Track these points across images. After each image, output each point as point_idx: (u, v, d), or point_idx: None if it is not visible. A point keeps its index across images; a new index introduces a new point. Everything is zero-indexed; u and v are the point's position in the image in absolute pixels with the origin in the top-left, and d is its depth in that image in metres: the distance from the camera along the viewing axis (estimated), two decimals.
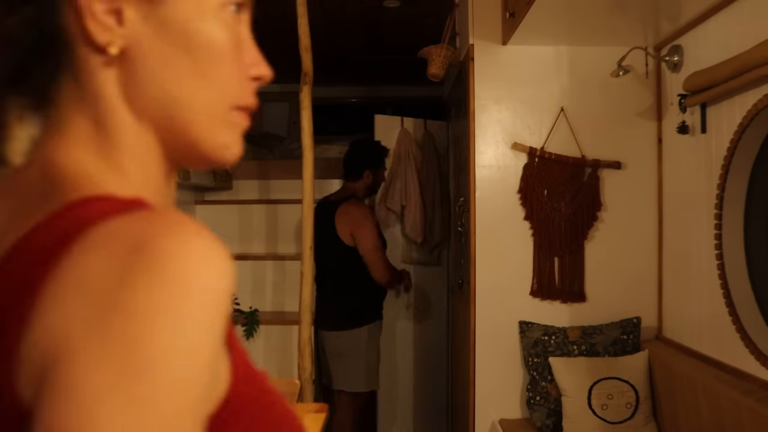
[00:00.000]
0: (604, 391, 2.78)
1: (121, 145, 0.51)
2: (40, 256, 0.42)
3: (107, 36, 0.49)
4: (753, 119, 2.24)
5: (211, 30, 0.52)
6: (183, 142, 0.53)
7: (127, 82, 0.51)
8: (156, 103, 0.51)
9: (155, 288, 0.39)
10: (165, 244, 0.40)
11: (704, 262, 2.58)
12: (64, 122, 0.51)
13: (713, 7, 2.50)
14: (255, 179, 4.69)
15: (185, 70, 0.51)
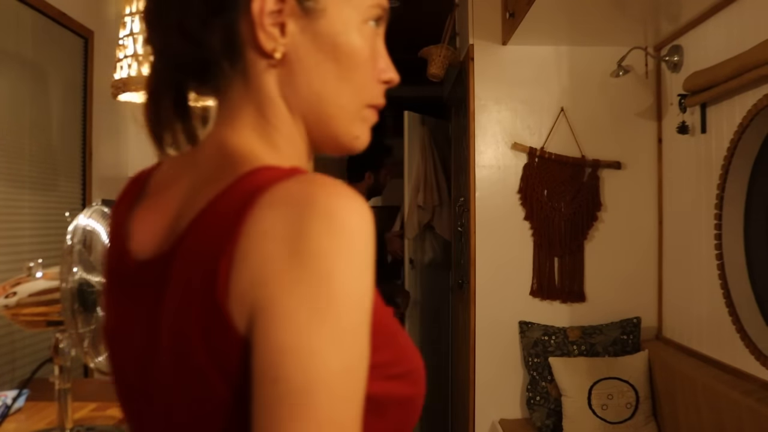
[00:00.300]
0: (604, 391, 2.78)
1: (278, 131, 0.64)
2: (229, 214, 0.54)
3: (273, 44, 0.61)
4: (753, 119, 2.24)
5: (354, 42, 0.64)
6: (324, 131, 0.66)
7: (284, 81, 0.63)
8: (306, 99, 0.64)
9: (331, 235, 0.50)
10: (329, 199, 0.52)
11: (704, 262, 2.58)
12: (234, 111, 0.64)
13: (713, 7, 2.50)
14: None
15: (331, 74, 0.64)
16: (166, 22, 0.63)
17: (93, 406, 1.78)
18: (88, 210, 1.43)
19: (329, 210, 0.51)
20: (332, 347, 0.49)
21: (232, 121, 0.64)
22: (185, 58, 0.63)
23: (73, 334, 1.32)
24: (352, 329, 0.51)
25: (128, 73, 1.48)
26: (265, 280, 0.50)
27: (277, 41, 0.61)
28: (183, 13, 0.61)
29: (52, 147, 2.33)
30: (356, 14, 0.64)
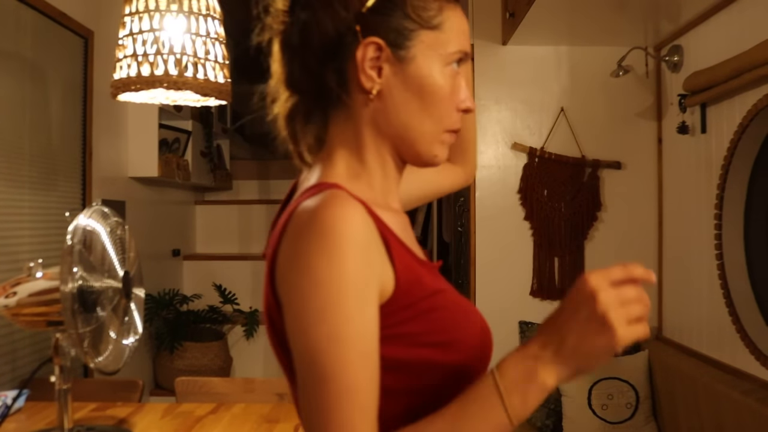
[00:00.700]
0: (604, 391, 2.78)
1: (369, 151, 0.81)
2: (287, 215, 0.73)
3: (371, 84, 0.77)
4: (753, 119, 2.24)
5: (437, 83, 0.78)
6: (409, 151, 0.82)
7: (378, 112, 0.79)
8: (395, 126, 0.80)
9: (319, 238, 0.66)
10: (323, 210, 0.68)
11: (704, 262, 2.58)
12: (333, 136, 0.82)
13: (713, 7, 2.50)
14: (255, 179, 4.69)
15: (416, 108, 0.79)
16: (291, 54, 0.80)
17: (93, 406, 1.79)
18: (88, 210, 1.43)
19: (320, 218, 0.67)
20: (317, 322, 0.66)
21: (330, 143, 0.82)
22: (303, 85, 0.81)
23: (73, 334, 1.32)
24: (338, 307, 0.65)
25: (128, 74, 1.47)
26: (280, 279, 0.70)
27: (374, 81, 0.77)
28: (305, 51, 0.79)
29: (51, 147, 2.33)
30: (440, 60, 0.79)
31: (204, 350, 3.27)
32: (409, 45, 0.77)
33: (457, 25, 0.80)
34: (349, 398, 0.64)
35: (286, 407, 1.86)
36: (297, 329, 0.67)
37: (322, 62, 0.78)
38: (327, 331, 0.65)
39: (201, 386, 2.00)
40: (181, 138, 3.59)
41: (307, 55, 0.79)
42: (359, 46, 0.76)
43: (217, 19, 1.55)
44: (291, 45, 0.80)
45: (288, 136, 0.85)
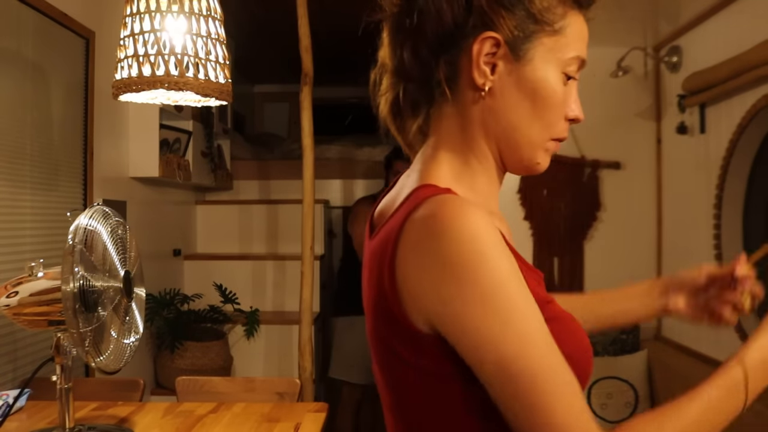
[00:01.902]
0: (604, 391, 2.78)
1: (473, 151, 0.79)
2: (399, 220, 0.69)
3: (483, 80, 0.74)
4: (752, 119, 2.25)
5: (552, 88, 0.76)
6: (513, 155, 0.79)
7: (487, 110, 0.76)
8: (503, 128, 0.77)
9: (451, 243, 0.63)
10: (446, 215, 0.65)
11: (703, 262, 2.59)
12: (439, 131, 0.79)
13: (712, 7, 2.51)
14: (255, 179, 4.69)
15: (527, 111, 0.76)
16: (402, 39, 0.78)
17: (94, 405, 1.79)
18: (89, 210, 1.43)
19: (445, 223, 0.65)
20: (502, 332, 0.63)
21: (433, 139, 0.80)
22: (412, 73, 0.78)
23: (75, 333, 1.33)
24: (511, 300, 0.64)
25: (129, 74, 1.48)
26: (428, 289, 0.65)
27: (487, 78, 0.75)
28: (418, 38, 0.76)
29: (53, 147, 2.34)
30: (557, 65, 0.76)
31: (204, 350, 3.27)
32: (529, 46, 0.75)
33: (578, 31, 0.80)
34: (564, 387, 0.63)
35: (287, 406, 1.86)
36: (479, 343, 0.63)
37: (435, 52, 0.76)
38: (514, 334, 0.63)
39: (202, 385, 2.01)
40: (181, 138, 3.59)
41: (419, 42, 0.76)
42: (476, 40, 0.74)
43: (217, 19, 1.55)
44: (404, 29, 0.77)
45: (393, 127, 0.84)
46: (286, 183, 4.60)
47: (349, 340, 3.52)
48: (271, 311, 3.91)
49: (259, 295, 3.95)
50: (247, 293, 3.81)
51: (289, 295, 3.87)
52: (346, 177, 4.75)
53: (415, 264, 0.66)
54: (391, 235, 0.70)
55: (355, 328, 3.48)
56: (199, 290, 3.63)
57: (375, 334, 0.74)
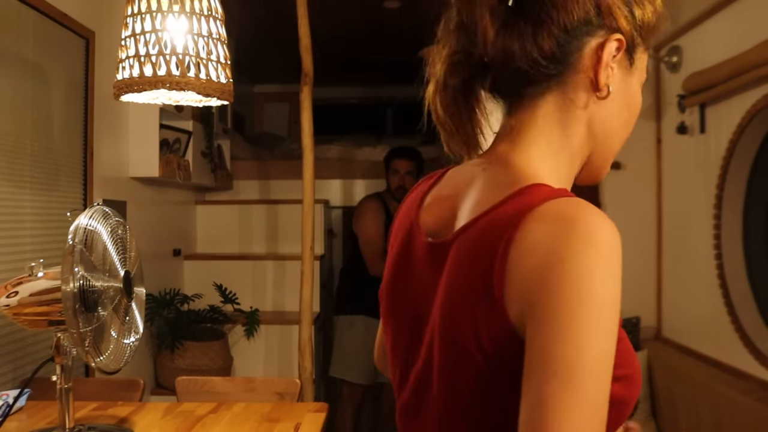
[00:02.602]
0: None
1: (570, 154, 0.76)
2: (509, 217, 0.66)
3: (607, 80, 0.72)
4: (752, 119, 2.25)
5: (639, 101, 0.78)
6: (598, 163, 0.78)
7: (595, 114, 0.74)
8: (603, 133, 0.76)
9: (590, 248, 0.60)
10: (588, 219, 0.62)
11: (703, 262, 2.59)
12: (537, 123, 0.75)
13: (712, 7, 2.51)
14: (255, 179, 4.69)
15: (623, 120, 0.77)
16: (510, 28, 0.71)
17: (94, 405, 1.79)
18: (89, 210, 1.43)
19: (589, 228, 0.62)
20: (590, 339, 0.60)
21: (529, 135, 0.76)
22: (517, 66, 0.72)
23: (75, 333, 1.33)
24: (606, 327, 0.61)
25: (130, 74, 1.48)
26: (538, 284, 0.61)
27: (610, 79, 0.72)
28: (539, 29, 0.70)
29: (53, 147, 2.34)
30: (642, 76, 0.78)
31: (205, 350, 3.27)
32: (635, 57, 0.75)
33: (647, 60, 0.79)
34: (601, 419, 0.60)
35: (287, 406, 1.86)
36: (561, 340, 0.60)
37: (560, 43, 0.71)
38: (598, 353, 0.60)
39: (202, 385, 2.01)
40: (181, 138, 3.59)
41: (541, 31, 0.70)
42: (608, 39, 0.71)
43: (218, 19, 1.55)
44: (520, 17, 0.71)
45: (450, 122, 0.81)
46: (286, 183, 4.59)
47: (349, 339, 3.52)
48: (271, 311, 3.91)
49: (259, 295, 3.95)
50: (247, 293, 3.81)
51: (289, 295, 3.87)
52: (346, 177, 4.75)
53: (533, 251, 0.62)
54: (502, 225, 0.66)
55: (355, 328, 3.48)
56: (199, 290, 3.63)
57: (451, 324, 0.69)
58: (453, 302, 0.70)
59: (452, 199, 0.78)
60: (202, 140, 3.84)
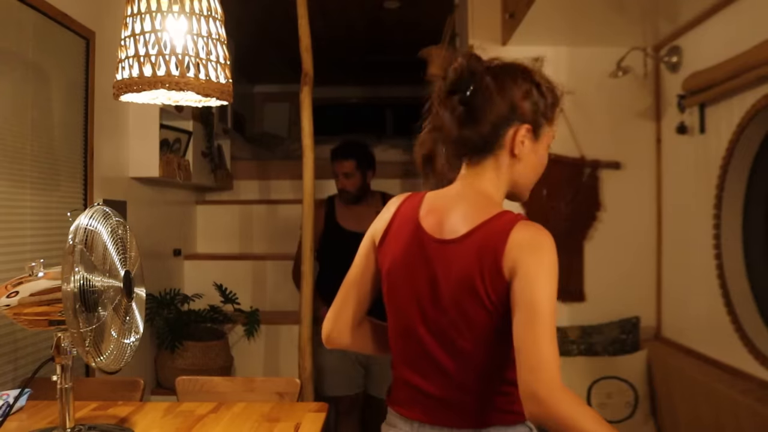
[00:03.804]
0: (604, 390, 2.79)
1: (500, 190, 1.29)
2: (502, 226, 1.18)
3: (519, 152, 1.26)
4: (752, 119, 2.25)
5: (545, 157, 1.32)
6: (519, 190, 1.33)
7: (512, 168, 1.28)
8: (519, 177, 1.30)
9: (551, 251, 1.15)
10: (546, 235, 1.17)
11: (703, 262, 2.59)
12: (485, 174, 1.28)
13: (712, 7, 2.51)
14: (255, 179, 4.70)
15: (533, 172, 1.31)
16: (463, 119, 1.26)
17: (94, 405, 1.79)
18: (89, 210, 1.43)
19: (545, 234, 1.17)
20: (551, 292, 1.12)
21: (482, 179, 1.28)
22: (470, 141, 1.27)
23: (75, 333, 1.33)
24: (555, 287, 1.13)
25: (130, 74, 1.48)
26: (521, 259, 1.14)
27: (521, 150, 1.26)
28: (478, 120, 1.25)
29: (53, 147, 2.34)
30: (547, 144, 1.31)
31: (205, 350, 3.27)
32: (540, 132, 1.28)
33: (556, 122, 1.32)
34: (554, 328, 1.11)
35: (287, 406, 1.87)
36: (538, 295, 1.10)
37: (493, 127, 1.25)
38: (551, 297, 1.11)
39: (202, 385, 2.01)
40: (182, 138, 3.59)
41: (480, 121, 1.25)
42: (521, 127, 1.25)
43: (218, 19, 1.56)
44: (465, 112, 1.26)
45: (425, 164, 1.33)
46: (286, 183, 4.60)
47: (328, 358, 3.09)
48: (271, 311, 3.91)
49: (259, 295, 3.95)
50: (247, 293, 3.82)
51: (289, 295, 3.87)
52: None
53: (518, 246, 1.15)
54: (498, 232, 1.18)
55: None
56: (199, 290, 3.64)
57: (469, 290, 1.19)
58: (470, 273, 1.18)
59: (440, 213, 1.28)
60: (202, 140, 3.85)
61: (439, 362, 1.23)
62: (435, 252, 1.23)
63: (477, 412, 1.23)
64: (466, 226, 1.21)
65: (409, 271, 1.26)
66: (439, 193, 1.30)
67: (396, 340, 1.30)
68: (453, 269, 1.20)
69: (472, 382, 1.22)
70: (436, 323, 1.22)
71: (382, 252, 1.32)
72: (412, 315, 1.25)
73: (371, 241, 1.36)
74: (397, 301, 1.28)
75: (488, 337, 1.19)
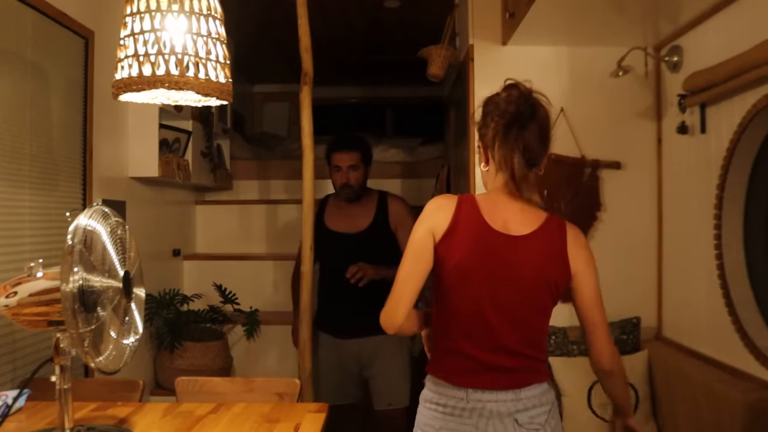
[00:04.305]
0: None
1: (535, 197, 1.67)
2: (558, 225, 1.58)
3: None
4: (752, 119, 2.24)
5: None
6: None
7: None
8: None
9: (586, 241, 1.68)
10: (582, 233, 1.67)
11: (704, 262, 2.59)
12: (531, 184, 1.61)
13: (713, 7, 2.50)
14: (255, 179, 4.69)
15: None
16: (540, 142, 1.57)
17: (93, 405, 1.79)
18: (88, 210, 1.43)
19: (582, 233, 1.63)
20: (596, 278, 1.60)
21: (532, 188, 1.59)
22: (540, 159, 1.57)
23: (74, 333, 1.32)
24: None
25: (129, 74, 1.48)
26: (579, 256, 1.57)
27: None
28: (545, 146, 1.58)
29: (52, 147, 2.33)
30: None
31: (204, 350, 3.27)
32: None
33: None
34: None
35: (286, 407, 1.86)
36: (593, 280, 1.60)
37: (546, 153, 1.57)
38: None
39: (201, 386, 2.01)
40: (181, 138, 3.59)
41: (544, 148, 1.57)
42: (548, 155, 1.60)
43: (218, 19, 1.55)
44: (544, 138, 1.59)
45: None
46: (286, 183, 4.59)
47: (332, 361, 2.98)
48: (271, 311, 3.91)
49: (259, 295, 3.95)
50: (247, 293, 3.81)
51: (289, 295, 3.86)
52: None
53: (574, 243, 1.58)
54: (559, 231, 1.57)
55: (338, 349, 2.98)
56: (198, 290, 3.63)
57: (543, 277, 1.53)
58: (544, 262, 1.53)
59: (501, 211, 1.56)
60: (202, 140, 3.84)
61: (499, 335, 1.52)
62: (506, 246, 1.51)
63: (522, 374, 1.53)
64: (529, 226, 1.54)
65: (485, 260, 1.51)
66: (490, 197, 1.57)
67: (458, 319, 1.54)
68: (526, 259, 1.52)
69: (522, 350, 1.53)
70: (505, 302, 1.51)
71: (449, 247, 1.52)
72: (483, 296, 1.51)
73: (431, 236, 1.53)
74: (467, 285, 1.51)
75: (545, 313, 1.58)
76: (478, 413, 1.51)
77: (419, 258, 1.53)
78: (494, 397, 1.51)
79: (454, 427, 1.52)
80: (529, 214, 1.55)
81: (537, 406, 1.53)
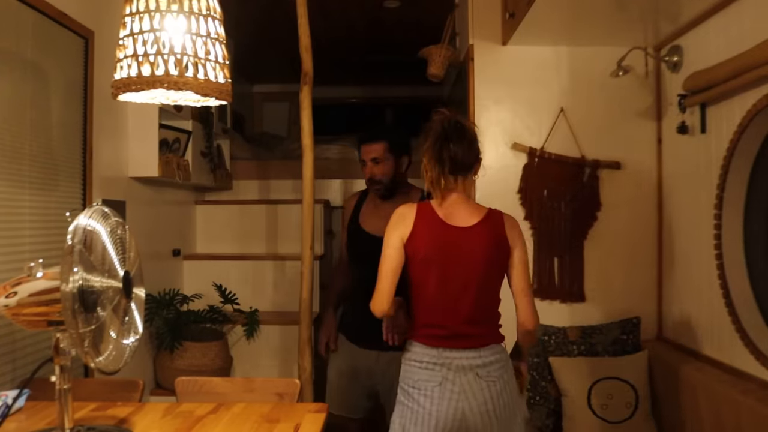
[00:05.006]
0: (604, 391, 2.78)
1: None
2: (498, 216, 2.01)
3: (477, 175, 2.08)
4: (752, 119, 2.24)
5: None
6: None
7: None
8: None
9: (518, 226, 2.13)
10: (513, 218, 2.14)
11: (704, 262, 2.58)
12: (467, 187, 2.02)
13: (713, 7, 2.50)
14: (255, 179, 4.69)
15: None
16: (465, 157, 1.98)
17: (93, 405, 1.79)
18: (88, 210, 1.43)
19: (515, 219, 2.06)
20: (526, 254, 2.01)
21: (464, 190, 1.99)
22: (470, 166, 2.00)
23: (74, 334, 1.32)
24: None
25: (128, 74, 1.47)
26: (513, 236, 1.98)
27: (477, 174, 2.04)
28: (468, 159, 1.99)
29: (52, 147, 2.33)
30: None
31: (204, 350, 3.27)
32: None
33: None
34: None
35: (286, 407, 1.86)
36: (524, 255, 1.98)
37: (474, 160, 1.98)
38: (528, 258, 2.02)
39: (201, 386, 2.01)
40: (181, 138, 3.59)
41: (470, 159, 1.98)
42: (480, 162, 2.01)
43: (217, 19, 1.55)
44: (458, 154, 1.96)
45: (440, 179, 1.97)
46: (286, 183, 4.59)
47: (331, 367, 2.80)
48: (271, 311, 3.91)
49: (259, 295, 3.94)
50: (247, 293, 3.81)
51: (289, 295, 3.86)
52: (346, 177, 4.75)
53: (511, 228, 1.98)
54: (498, 220, 1.98)
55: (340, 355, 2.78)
56: (198, 290, 3.63)
57: (490, 257, 1.93)
58: (491, 248, 1.93)
59: (450, 209, 1.97)
60: (202, 140, 3.84)
61: (462, 308, 1.91)
62: (458, 235, 1.92)
63: (481, 338, 1.93)
64: (475, 218, 1.96)
65: (444, 250, 1.92)
66: (440, 201, 1.98)
67: (428, 299, 1.94)
68: (475, 244, 1.92)
69: (480, 319, 1.93)
70: (463, 281, 1.91)
71: (415, 245, 1.93)
72: (445, 278, 1.91)
73: (400, 240, 1.94)
74: (432, 271, 1.92)
75: (496, 287, 1.97)
76: (447, 367, 1.90)
77: (393, 258, 1.94)
78: (460, 354, 1.90)
79: (427, 377, 1.91)
80: (473, 209, 1.98)
81: (494, 363, 1.92)
